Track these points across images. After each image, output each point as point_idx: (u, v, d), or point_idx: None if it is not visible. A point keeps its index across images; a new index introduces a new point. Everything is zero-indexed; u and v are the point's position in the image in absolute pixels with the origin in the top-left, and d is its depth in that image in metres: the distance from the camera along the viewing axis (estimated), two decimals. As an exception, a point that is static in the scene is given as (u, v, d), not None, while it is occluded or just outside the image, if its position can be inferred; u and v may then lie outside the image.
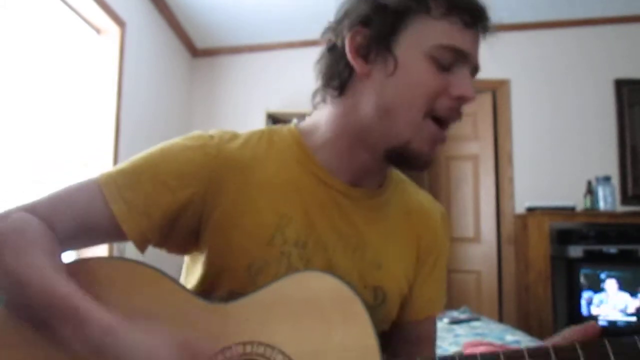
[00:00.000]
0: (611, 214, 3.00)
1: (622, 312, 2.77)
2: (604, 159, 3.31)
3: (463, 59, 0.64)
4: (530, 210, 3.12)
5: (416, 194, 0.81)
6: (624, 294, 2.77)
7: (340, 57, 0.68)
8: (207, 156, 0.67)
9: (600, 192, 3.06)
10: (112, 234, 0.64)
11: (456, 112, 0.66)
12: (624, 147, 3.33)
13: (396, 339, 0.76)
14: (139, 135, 2.73)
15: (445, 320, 2.38)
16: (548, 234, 2.97)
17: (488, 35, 0.67)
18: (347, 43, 0.66)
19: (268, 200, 0.67)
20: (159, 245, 0.69)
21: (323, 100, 0.72)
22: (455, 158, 3.72)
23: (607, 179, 3.09)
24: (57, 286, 0.54)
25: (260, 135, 0.72)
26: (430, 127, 0.65)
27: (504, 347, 1.74)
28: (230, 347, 0.60)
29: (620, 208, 3.14)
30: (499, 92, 3.54)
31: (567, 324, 2.95)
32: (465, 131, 3.62)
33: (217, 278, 0.67)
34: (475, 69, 0.67)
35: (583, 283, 2.82)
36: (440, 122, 0.66)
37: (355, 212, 0.71)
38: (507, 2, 3.17)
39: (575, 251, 2.86)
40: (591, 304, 2.81)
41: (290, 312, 0.61)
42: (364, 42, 0.65)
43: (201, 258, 0.69)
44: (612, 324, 2.77)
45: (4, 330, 0.57)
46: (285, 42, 3.58)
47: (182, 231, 0.67)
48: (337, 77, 0.68)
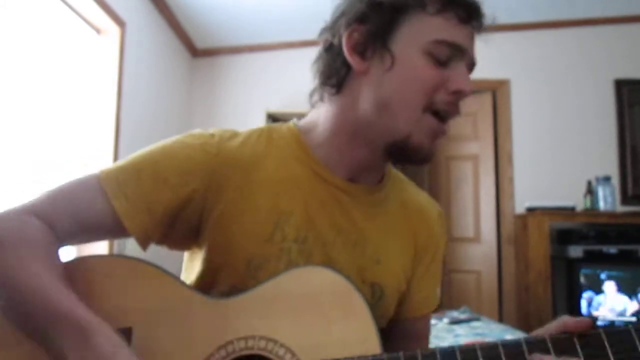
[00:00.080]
0: (611, 214, 2.99)
1: (621, 314, 2.76)
2: (604, 159, 3.31)
3: (459, 54, 0.65)
4: (530, 210, 3.11)
5: (414, 192, 0.82)
6: (623, 296, 2.77)
7: (337, 56, 0.68)
8: (208, 154, 0.67)
9: (600, 192, 3.06)
10: (114, 230, 0.64)
11: (454, 106, 0.66)
12: (624, 147, 3.32)
13: (392, 336, 0.76)
14: (139, 135, 2.73)
15: (445, 320, 2.37)
16: (548, 234, 2.97)
17: (483, 32, 0.68)
18: (344, 41, 0.66)
19: (268, 197, 0.67)
20: (160, 242, 0.70)
21: (321, 99, 0.72)
22: (455, 158, 3.72)
23: (607, 179, 3.08)
24: (59, 298, 0.54)
25: (259, 133, 0.72)
26: (430, 120, 0.65)
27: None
28: (231, 342, 0.60)
29: (620, 208, 3.14)
30: (499, 92, 3.54)
31: (568, 323, 2.94)
32: (465, 131, 3.62)
33: (216, 274, 0.67)
34: (471, 64, 0.68)
35: (583, 283, 2.82)
36: (439, 116, 0.66)
37: (355, 208, 0.71)
38: (507, 2, 3.17)
39: (575, 251, 2.86)
40: (591, 304, 2.80)
41: (291, 307, 0.61)
42: (360, 40, 0.66)
43: (200, 255, 0.69)
44: (611, 323, 2.77)
45: (1, 332, 0.57)
46: (285, 42, 3.58)
47: (183, 227, 0.68)
48: (335, 75, 0.69)
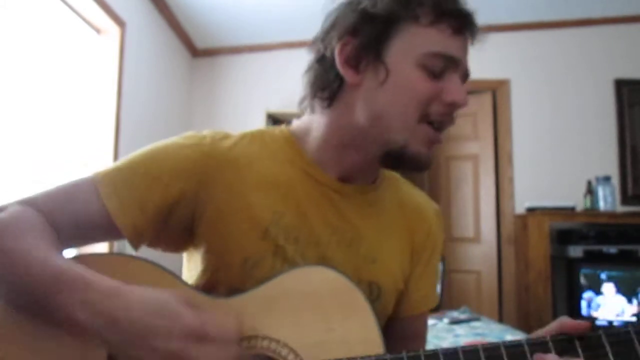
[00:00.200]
0: (611, 214, 2.99)
1: (619, 316, 2.76)
2: (604, 159, 3.31)
3: (453, 66, 0.65)
4: (530, 210, 3.11)
5: (410, 191, 0.82)
6: (621, 298, 2.77)
7: (329, 68, 0.68)
8: (200, 154, 0.68)
9: (600, 192, 3.06)
10: (108, 231, 0.65)
11: (449, 117, 0.66)
12: (624, 147, 3.32)
13: (390, 335, 0.76)
14: (139, 135, 2.74)
15: (445, 320, 2.37)
16: (548, 234, 2.97)
17: (476, 41, 0.68)
18: (336, 54, 0.66)
19: (260, 197, 0.68)
20: (152, 244, 0.70)
21: (312, 110, 0.72)
22: (455, 158, 3.72)
23: (607, 179, 3.08)
24: (58, 260, 0.56)
25: (252, 135, 0.73)
26: (425, 129, 0.66)
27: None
28: None
29: (620, 208, 3.14)
30: (499, 92, 3.54)
31: (568, 322, 2.94)
32: (465, 131, 3.62)
33: (214, 275, 0.67)
34: (465, 74, 0.68)
35: (583, 283, 2.82)
36: (433, 126, 0.66)
37: (348, 208, 0.72)
38: (507, 2, 3.17)
39: (575, 251, 2.86)
40: (591, 304, 2.80)
41: (293, 306, 0.61)
42: (353, 52, 0.65)
43: (197, 256, 0.69)
44: (610, 323, 2.77)
45: (4, 326, 0.57)
46: (285, 42, 3.58)
47: (175, 227, 0.68)
48: (328, 88, 0.68)
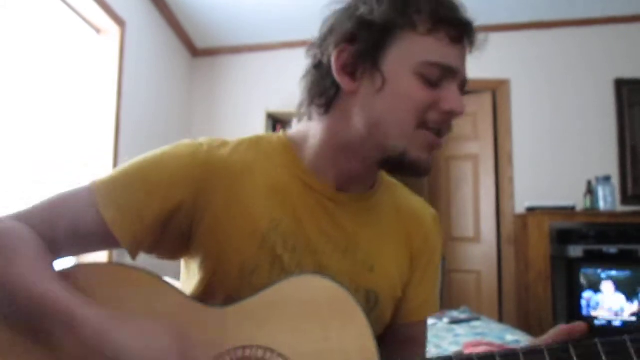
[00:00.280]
0: (611, 214, 2.99)
1: (618, 315, 2.76)
2: (604, 159, 3.31)
3: (451, 75, 0.64)
4: (530, 210, 3.11)
5: (407, 197, 0.81)
6: (620, 295, 2.77)
7: (326, 75, 0.67)
8: (197, 163, 0.67)
9: (600, 192, 3.06)
10: (105, 240, 0.64)
11: (447, 125, 0.66)
12: (624, 147, 3.32)
13: (390, 342, 0.76)
14: (139, 135, 2.74)
15: (445, 320, 2.37)
16: (548, 234, 2.97)
17: (475, 49, 0.67)
18: (333, 61, 0.65)
19: (257, 205, 0.67)
20: (149, 251, 0.69)
21: (309, 118, 0.72)
22: (455, 158, 3.72)
23: (607, 179, 3.08)
24: (47, 289, 0.55)
25: (249, 142, 0.72)
26: (424, 134, 0.65)
27: (503, 346, 1.74)
28: (229, 351, 0.60)
29: (620, 208, 3.14)
30: (499, 92, 3.54)
31: (566, 323, 2.93)
32: (465, 131, 3.62)
33: (211, 283, 0.67)
34: (463, 83, 0.67)
35: (583, 283, 2.82)
36: (433, 131, 0.66)
37: (343, 216, 0.71)
38: (507, 2, 3.17)
39: (575, 251, 2.86)
40: (590, 304, 2.80)
41: (288, 315, 0.61)
42: (350, 60, 0.65)
43: (195, 265, 0.69)
44: (609, 323, 2.77)
45: None
46: (285, 42, 3.57)
47: (173, 236, 0.68)
48: (324, 95, 0.68)
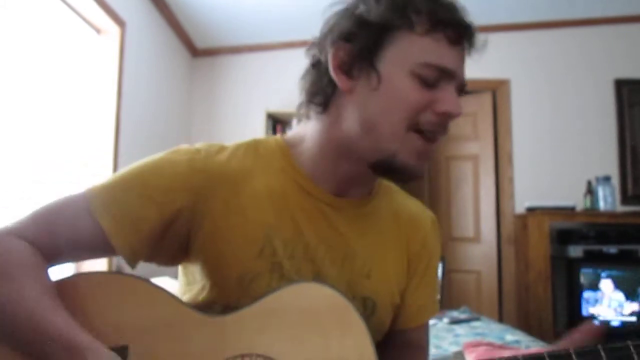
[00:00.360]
0: (611, 214, 2.99)
1: (618, 312, 2.76)
2: (604, 159, 3.31)
3: (448, 77, 0.63)
4: (530, 210, 3.11)
5: (405, 201, 0.81)
6: (619, 293, 2.77)
7: (324, 73, 0.67)
8: (194, 170, 0.66)
9: (600, 192, 3.06)
10: (102, 249, 0.63)
11: (441, 127, 0.65)
12: (624, 147, 3.32)
13: (390, 348, 0.75)
14: (139, 135, 2.74)
15: (445, 320, 2.38)
16: (548, 234, 2.97)
17: (474, 51, 0.66)
18: (330, 59, 0.65)
19: (256, 211, 0.67)
20: (148, 259, 0.69)
21: (307, 117, 0.72)
22: (455, 158, 3.72)
23: (607, 179, 3.08)
24: (49, 318, 0.54)
25: (246, 146, 0.72)
26: (415, 140, 0.64)
27: (503, 347, 1.74)
28: None
29: (620, 208, 3.14)
30: (499, 92, 3.54)
31: (567, 323, 2.95)
32: (465, 131, 3.62)
33: (210, 291, 0.66)
34: (461, 85, 0.66)
35: (583, 283, 2.82)
36: (425, 136, 0.64)
37: (341, 222, 0.71)
38: (507, 2, 3.17)
39: (575, 251, 2.86)
40: (589, 303, 2.80)
41: (287, 323, 0.61)
42: (346, 58, 0.65)
43: (193, 272, 0.69)
44: (608, 322, 2.77)
45: None
46: (285, 42, 3.57)
47: (171, 244, 0.67)
48: (321, 94, 0.68)
